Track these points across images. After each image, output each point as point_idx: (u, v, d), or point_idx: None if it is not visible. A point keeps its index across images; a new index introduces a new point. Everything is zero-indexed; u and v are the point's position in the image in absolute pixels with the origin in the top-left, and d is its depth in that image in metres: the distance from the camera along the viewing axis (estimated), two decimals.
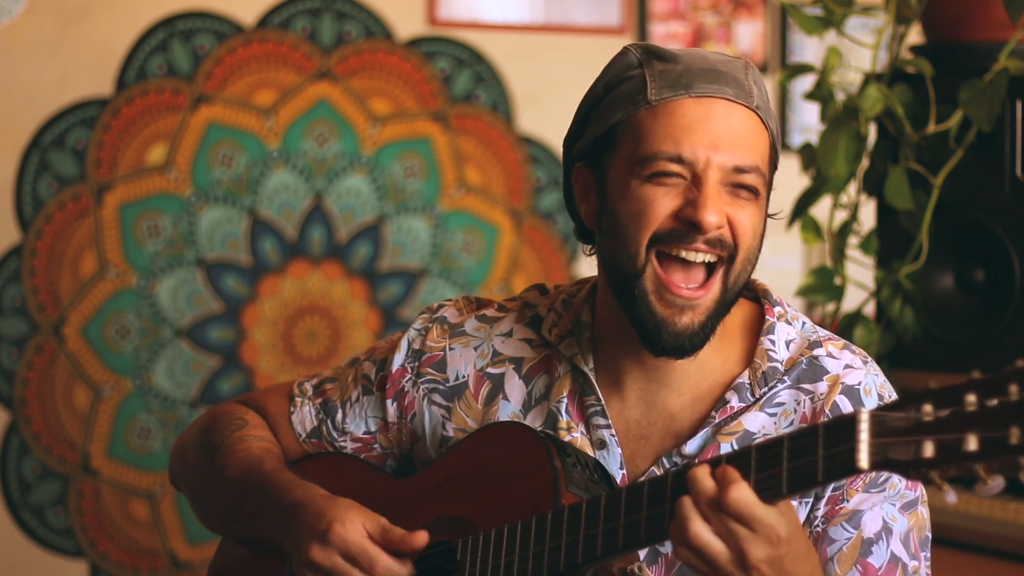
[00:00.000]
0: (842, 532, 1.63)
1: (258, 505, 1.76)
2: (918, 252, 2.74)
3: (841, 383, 1.67)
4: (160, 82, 3.81)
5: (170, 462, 1.96)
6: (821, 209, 2.88)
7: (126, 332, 3.80)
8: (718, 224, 1.61)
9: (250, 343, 3.89)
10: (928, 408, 1.35)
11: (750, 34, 4.30)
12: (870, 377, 1.68)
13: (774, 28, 4.33)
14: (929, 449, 1.34)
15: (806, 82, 3.82)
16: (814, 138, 2.86)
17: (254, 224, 3.88)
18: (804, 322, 1.74)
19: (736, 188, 1.63)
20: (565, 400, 1.73)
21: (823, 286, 2.85)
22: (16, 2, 3.68)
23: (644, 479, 1.58)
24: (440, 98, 4.01)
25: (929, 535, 1.69)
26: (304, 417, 1.88)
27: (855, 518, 1.63)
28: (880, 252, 2.84)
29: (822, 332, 1.73)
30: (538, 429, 1.71)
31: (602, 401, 1.71)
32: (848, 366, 1.68)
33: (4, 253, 3.74)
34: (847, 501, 1.63)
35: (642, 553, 1.65)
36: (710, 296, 1.63)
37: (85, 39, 3.76)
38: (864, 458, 1.37)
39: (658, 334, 1.63)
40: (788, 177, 3.43)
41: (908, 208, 2.73)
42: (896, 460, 1.36)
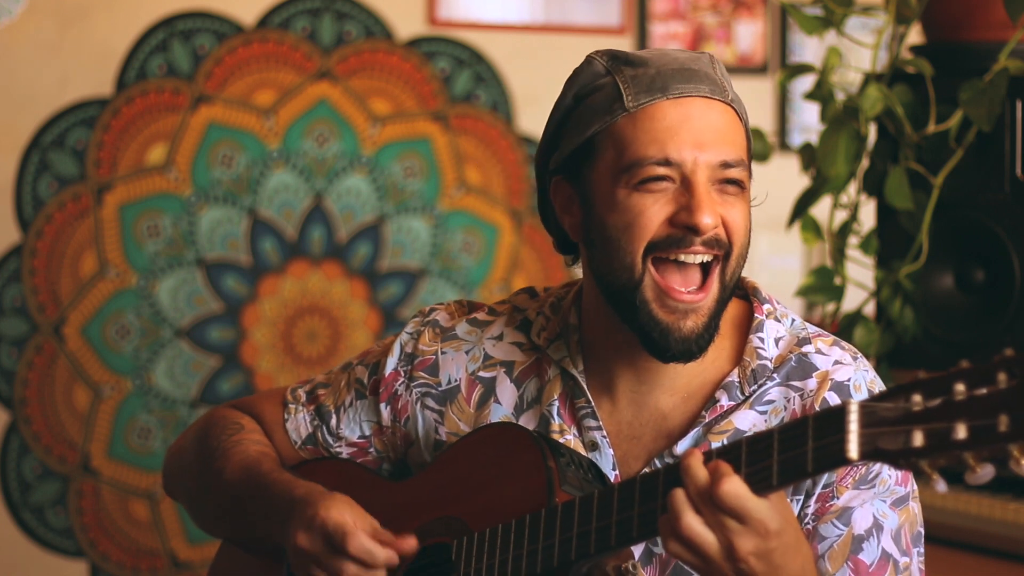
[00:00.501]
0: (832, 529, 1.63)
1: (257, 505, 1.76)
2: (918, 252, 2.74)
3: (830, 379, 1.67)
4: (160, 82, 3.81)
5: (164, 468, 1.96)
6: (821, 209, 2.88)
7: (126, 332, 3.80)
8: (714, 225, 1.62)
9: (250, 343, 3.89)
10: (917, 398, 1.35)
11: (750, 34, 4.30)
12: (859, 373, 1.68)
13: (774, 28, 4.33)
14: (919, 438, 1.34)
15: (806, 82, 3.82)
16: (814, 138, 2.86)
17: (254, 224, 3.89)
18: (793, 319, 1.74)
19: (724, 185, 1.64)
20: (556, 403, 1.73)
21: (823, 286, 2.85)
22: (16, 2, 3.68)
23: (636, 476, 1.59)
24: (440, 98, 4.02)
25: (921, 531, 1.69)
26: (299, 424, 1.88)
27: (845, 515, 1.63)
28: (880, 252, 2.84)
29: (812, 329, 1.73)
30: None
31: (592, 403, 1.71)
32: (837, 362, 1.68)
33: (4, 253, 3.74)
34: (837, 498, 1.63)
35: (637, 554, 1.66)
36: (710, 297, 1.64)
37: (85, 39, 3.76)
38: (854, 448, 1.38)
39: (665, 342, 1.63)
40: (788, 177, 3.44)
41: (908, 208, 2.73)
42: (886, 450, 1.36)
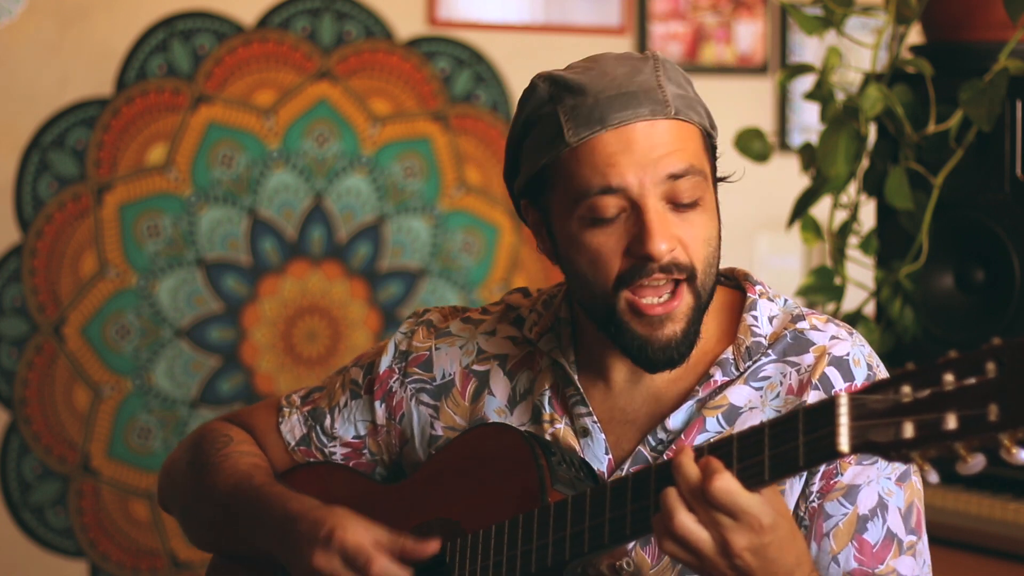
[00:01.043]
0: (838, 507, 1.64)
1: (251, 519, 1.77)
2: (918, 252, 2.74)
3: (829, 354, 1.67)
4: (160, 82, 3.81)
5: (159, 484, 1.97)
6: (821, 209, 2.88)
7: (126, 332, 3.80)
8: (669, 249, 1.61)
9: (250, 343, 3.89)
10: (907, 389, 1.36)
11: (750, 34, 4.30)
12: (857, 348, 1.69)
13: (774, 28, 4.33)
14: (909, 430, 1.35)
15: (806, 82, 3.82)
16: (814, 138, 2.86)
17: (254, 224, 3.89)
18: (786, 299, 1.75)
19: (677, 206, 1.62)
20: (548, 393, 1.74)
21: (823, 286, 2.85)
22: (16, 2, 3.68)
23: (628, 473, 1.59)
24: (440, 98, 4.02)
25: (922, 507, 1.70)
26: (293, 426, 1.89)
27: (851, 493, 1.64)
28: (880, 252, 2.84)
29: (804, 308, 1.74)
30: (523, 424, 1.73)
31: (581, 391, 1.72)
32: (834, 337, 1.69)
33: (4, 253, 3.74)
34: (841, 475, 1.64)
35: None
36: (684, 302, 1.63)
37: (85, 39, 3.76)
38: (844, 442, 1.38)
39: (645, 354, 1.64)
40: (788, 177, 3.44)
41: (908, 208, 2.73)
42: (876, 442, 1.37)
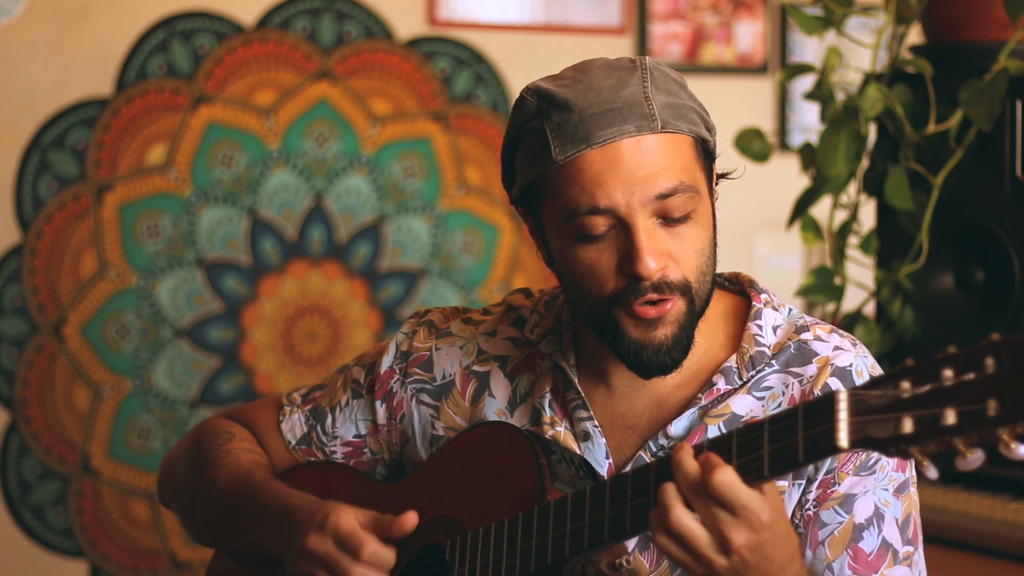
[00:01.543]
0: (834, 516, 1.64)
1: (249, 514, 1.77)
2: (918, 252, 2.74)
3: (832, 364, 1.67)
4: (160, 82, 3.81)
5: (158, 479, 1.97)
6: (821, 209, 2.88)
7: (126, 332, 3.80)
8: (659, 268, 1.60)
9: (250, 343, 3.90)
10: (906, 385, 1.36)
11: (750, 34, 4.30)
12: (860, 359, 1.69)
13: (774, 28, 4.33)
14: (908, 425, 1.35)
15: (806, 82, 3.82)
16: (814, 138, 2.86)
17: (254, 224, 3.89)
18: (791, 309, 1.74)
19: (668, 221, 1.61)
20: (548, 396, 1.74)
21: (823, 286, 2.85)
22: (16, 2, 3.68)
23: (628, 470, 1.59)
24: (440, 98, 4.02)
25: (919, 518, 1.70)
26: (294, 424, 1.89)
27: (847, 503, 1.64)
28: (880, 252, 2.84)
29: (808, 318, 1.73)
30: (524, 426, 1.72)
31: (582, 395, 1.72)
32: (837, 348, 1.69)
33: (4, 253, 3.74)
34: (839, 484, 1.64)
35: (634, 541, 1.66)
36: (676, 307, 1.63)
37: (85, 39, 3.76)
38: (844, 437, 1.38)
39: (640, 358, 1.64)
40: (788, 177, 3.44)
41: (908, 208, 2.73)
42: (876, 438, 1.37)
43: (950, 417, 1.32)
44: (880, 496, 1.64)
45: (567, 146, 1.61)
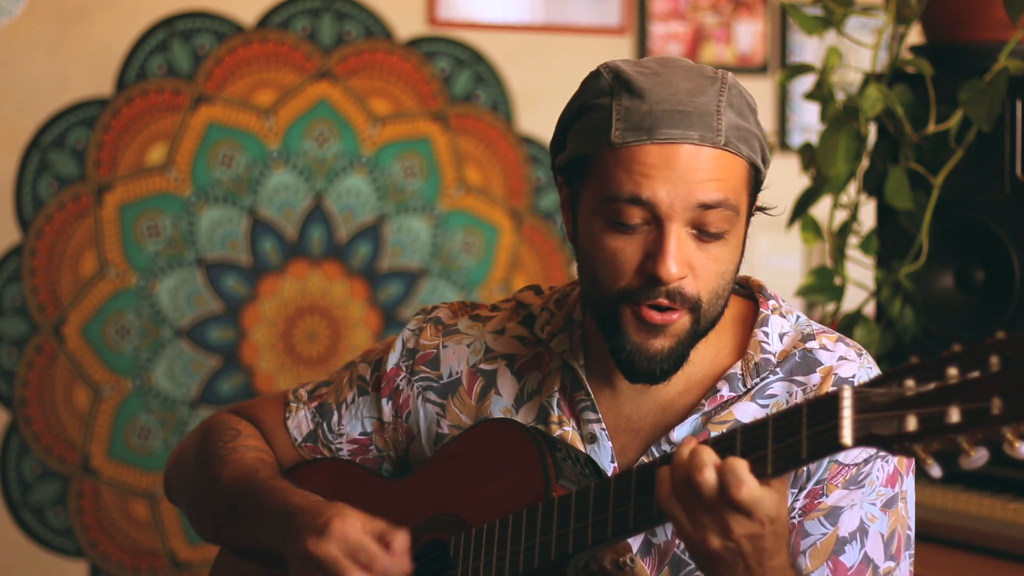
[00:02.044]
0: (818, 527, 1.64)
1: (254, 513, 1.77)
2: (918, 252, 2.74)
3: (835, 374, 1.67)
4: (160, 82, 3.81)
5: (165, 474, 1.97)
6: (821, 209, 2.88)
7: (126, 332, 3.80)
8: (679, 276, 1.60)
9: (250, 343, 3.89)
10: (910, 383, 1.36)
11: (750, 34, 4.30)
12: (864, 369, 1.68)
13: (774, 28, 4.33)
14: (912, 423, 1.34)
15: (806, 82, 3.82)
16: (814, 138, 2.86)
17: (254, 224, 3.89)
18: (798, 316, 1.74)
19: (703, 233, 1.61)
20: (556, 395, 1.74)
21: (823, 286, 2.85)
22: (16, 2, 3.68)
23: (632, 467, 1.59)
24: (440, 98, 4.02)
25: (912, 533, 1.69)
26: (300, 421, 1.89)
27: (833, 515, 1.63)
28: (880, 252, 2.84)
29: (816, 326, 1.73)
30: (530, 424, 1.72)
31: (591, 396, 1.71)
32: (842, 358, 1.69)
33: (4, 253, 3.74)
34: (826, 496, 1.64)
35: (636, 545, 1.66)
36: (680, 323, 1.62)
37: (85, 39, 3.76)
38: (848, 434, 1.38)
39: (632, 360, 1.63)
40: (788, 177, 3.44)
41: (908, 208, 2.73)
42: (879, 435, 1.37)
43: (954, 415, 1.32)
44: (867, 511, 1.64)
45: (628, 132, 1.60)
